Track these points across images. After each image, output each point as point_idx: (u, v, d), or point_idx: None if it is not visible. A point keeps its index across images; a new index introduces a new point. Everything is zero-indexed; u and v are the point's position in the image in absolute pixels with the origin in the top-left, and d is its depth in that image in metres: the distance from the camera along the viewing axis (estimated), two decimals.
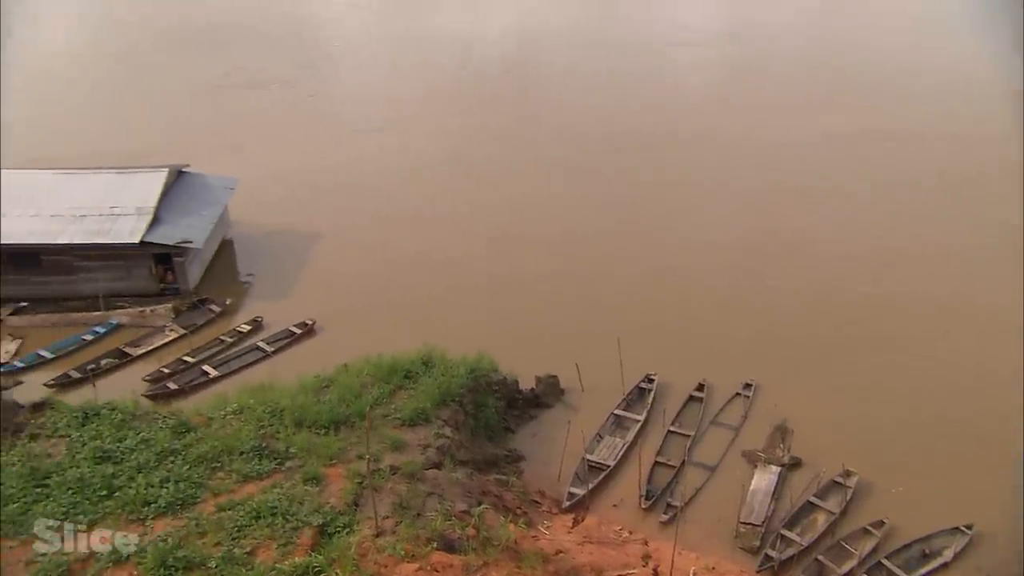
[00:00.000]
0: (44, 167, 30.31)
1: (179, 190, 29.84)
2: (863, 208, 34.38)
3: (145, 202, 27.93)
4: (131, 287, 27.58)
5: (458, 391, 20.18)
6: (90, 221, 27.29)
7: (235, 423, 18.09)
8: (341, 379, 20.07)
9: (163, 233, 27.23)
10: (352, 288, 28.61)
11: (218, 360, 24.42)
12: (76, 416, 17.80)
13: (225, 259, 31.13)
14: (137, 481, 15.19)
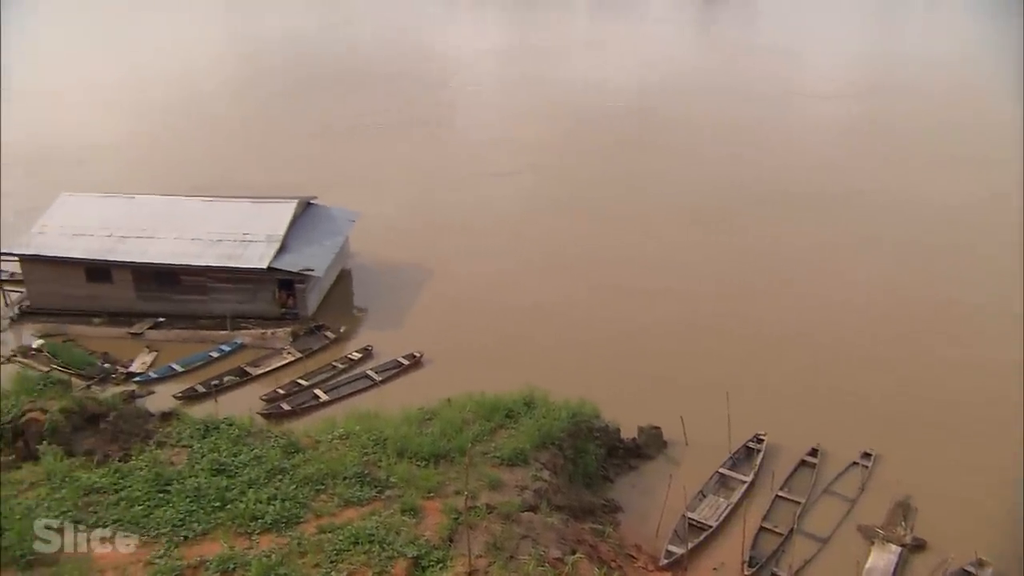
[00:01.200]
0: (192, 194, 32.75)
1: (306, 221, 31.50)
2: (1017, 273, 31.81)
3: (274, 230, 29.63)
4: (255, 310, 29.20)
5: (558, 435, 19.99)
6: (225, 246, 29.19)
7: (341, 448, 18.60)
8: (444, 413, 20.31)
9: (288, 260, 28.75)
10: (461, 324, 29.15)
11: (329, 385, 25.34)
12: (198, 428, 18.83)
13: (342, 288, 32.48)
14: (247, 496, 15.83)
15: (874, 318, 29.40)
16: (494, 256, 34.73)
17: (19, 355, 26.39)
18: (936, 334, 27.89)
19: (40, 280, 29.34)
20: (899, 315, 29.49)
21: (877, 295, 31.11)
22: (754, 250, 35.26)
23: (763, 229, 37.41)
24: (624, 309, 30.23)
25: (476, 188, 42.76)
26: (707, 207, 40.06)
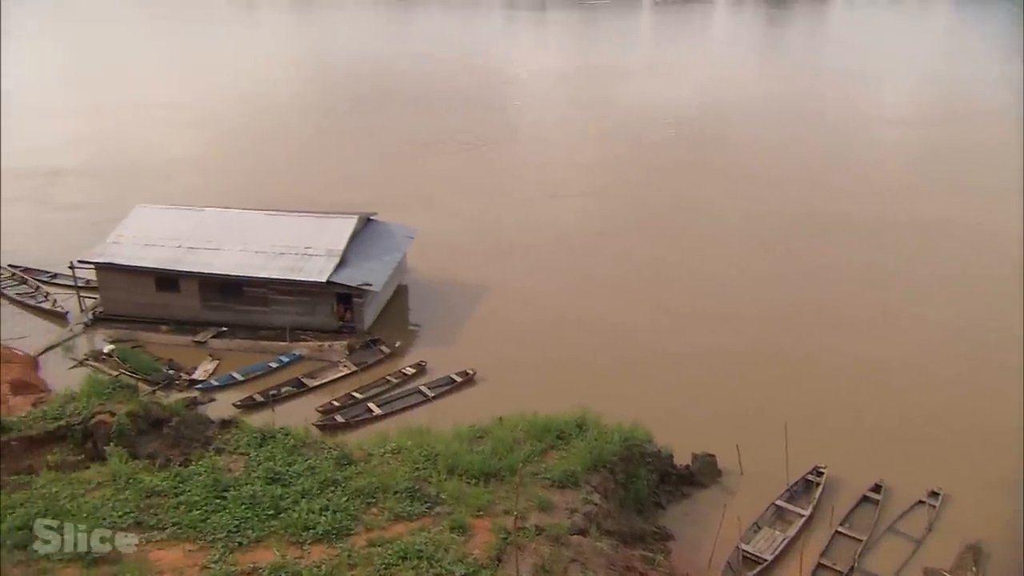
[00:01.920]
0: (258, 208, 33.68)
1: (365, 236, 32.08)
2: None
3: (335, 245, 30.25)
4: (314, 322, 29.79)
5: (610, 458, 19.74)
6: (287, 259, 29.92)
7: (392, 462, 18.74)
8: (495, 432, 20.28)
9: (347, 275, 29.29)
10: (516, 343, 29.16)
11: (382, 399, 25.62)
12: (255, 437, 19.23)
13: (399, 304, 32.89)
14: (300, 506, 16.06)
15: (945, 353, 28.28)
16: (551, 276, 34.76)
17: (91, 359, 27.49)
18: (1010, 373, 26.60)
19: (113, 288, 30.56)
20: (972, 352, 28.29)
21: (947, 329, 29.94)
22: (819, 277, 34.48)
23: (829, 256, 36.58)
24: (682, 333, 29.84)
25: (535, 208, 42.94)
26: (772, 232, 39.38)
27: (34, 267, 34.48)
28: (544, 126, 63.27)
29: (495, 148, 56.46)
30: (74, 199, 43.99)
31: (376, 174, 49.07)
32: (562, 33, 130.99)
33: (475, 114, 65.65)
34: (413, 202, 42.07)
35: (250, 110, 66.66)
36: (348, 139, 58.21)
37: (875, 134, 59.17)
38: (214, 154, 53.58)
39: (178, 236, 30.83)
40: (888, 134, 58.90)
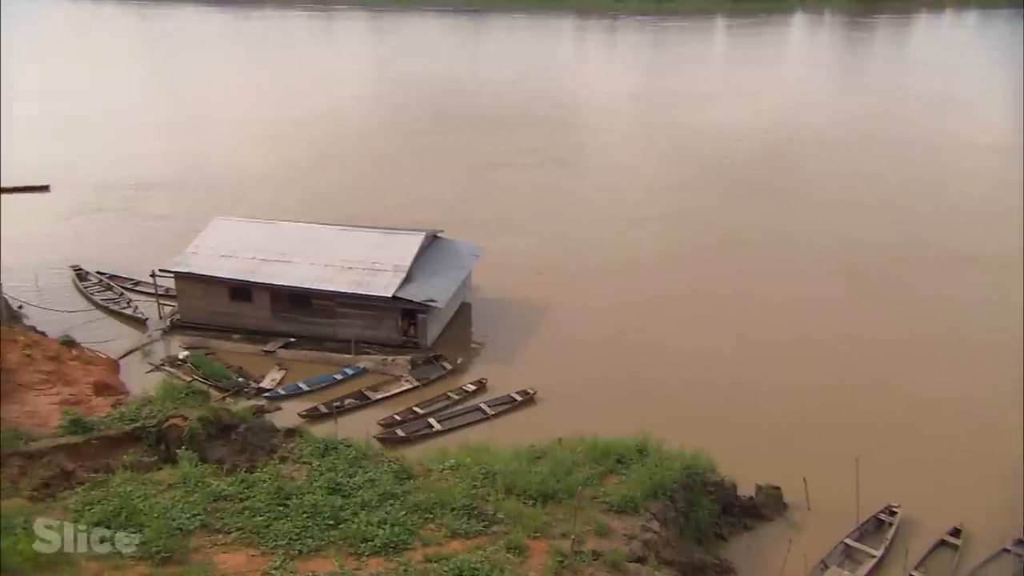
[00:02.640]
0: (329, 223, 34.44)
1: (432, 253, 32.51)
2: None
3: (401, 261, 30.75)
4: (378, 336, 30.27)
5: (671, 485, 19.31)
6: (354, 273, 30.55)
7: (450, 478, 18.78)
8: (554, 453, 20.13)
9: (412, 291, 29.71)
10: (579, 365, 28.99)
11: (443, 415, 25.78)
12: (318, 447, 19.58)
13: (462, 321, 33.14)
14: (360, 517, 16.23)
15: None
16: (619, 299, 34.48)
17: (167, 364, 28.58)
18: None
19: (190, 296, 31.77)
20: None
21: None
22: (898, 309, 33.29)
23: (910, 288, 35.33)
24: (750, 361, 29.14)
25: (606, 231, 42.77)
26: (850, 261, 38.29)
27: (120, 274, 36.20)
28: (616, 148, 63.16)
29: (566, 169, 56.64)
30: (160, 211, 46.09)
31: (446, 192, 49.80)
32: (633, 54, 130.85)
33: (546, 135, 66.08)
34: (482, 221, 42.49)
35: (327, 128, 68.80)
36: (420, 158, 59.35)
37: (962, 161, 56.94)
38: (291, 170, 55.42)
39: (253, 248, 31.87)
40: (976, 162, 56.56)
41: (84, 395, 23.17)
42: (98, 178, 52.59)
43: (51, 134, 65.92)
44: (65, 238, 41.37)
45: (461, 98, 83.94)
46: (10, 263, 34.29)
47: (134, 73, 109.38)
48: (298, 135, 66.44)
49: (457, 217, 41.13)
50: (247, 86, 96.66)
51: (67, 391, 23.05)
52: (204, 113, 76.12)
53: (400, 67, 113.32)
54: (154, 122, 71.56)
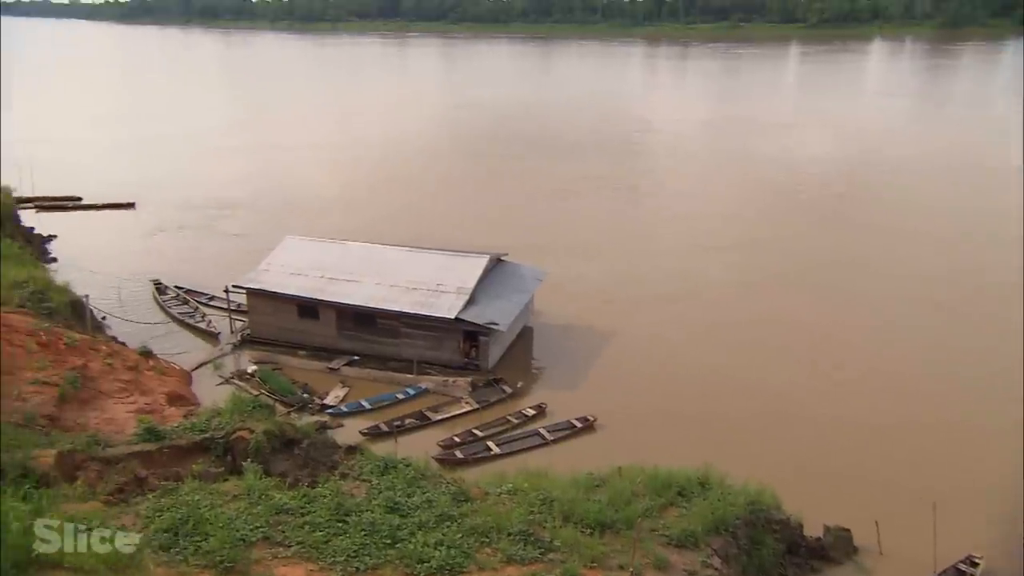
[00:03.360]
0: (396, 244, 35.00)
1: (495, 276, 32.70)
2: None
3: (465, 283, 31.02)
4: (440, 357, 30.52)
5: (733, 521, 18.71)
6: (419, 294, 30.97)
7: (508, 503, 18.64)
8: (613, 482, 19.79)
9: (474, 313, 29.89)
10: (640, 393, 28.59)
11: (501, 438, 25.72)
12: (378, 465, 19.72)
13: (524, 344, 33.12)
14: (417, 538, 16.24)
15: None
16: (685, 327, 33.96)
17: (236, 377, 29.44)
18: None
19: (260, 312, 32.74)
20: None
21: None
22: (985, 346, 31.62)
23: (998, 324, 33.49)
24: (822, 396, 28.18)
25: (674, 259, 42.34)
26: (931, 295, 36.87)
27: (196, 289, 37.65)
28: (686, 176, 62.61)
29: (635, 196, 56.44)
30: (237, 229, 47.87)
31: (512, 217, 50.22)
32: (705, 81, 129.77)
33: (615, 161, 66.11)
34: (547, 246, 42.62)
35: (397, 152, 70.47)
36: (487, 182, 60.15)
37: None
38: (361, 192, 56.95)
39: (321, 267, 32.69)
40: None
41: (158, 404, 24.00)
42: (180, 197, 55.09)
43: (138, 154, 69.56)
44: (147, 253, 43.38)
45: (530, 124, 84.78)
46: (97, 276, 36.09)
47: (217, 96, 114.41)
48: (369, 158, 68.25)
49: (522, 241, 41.33)
50: (321, 110, 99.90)
51: (143, 400, 23.94)
52: (281, 136, 79.05)
53: (470, 92, 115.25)
54: (234, 144, 74.70)
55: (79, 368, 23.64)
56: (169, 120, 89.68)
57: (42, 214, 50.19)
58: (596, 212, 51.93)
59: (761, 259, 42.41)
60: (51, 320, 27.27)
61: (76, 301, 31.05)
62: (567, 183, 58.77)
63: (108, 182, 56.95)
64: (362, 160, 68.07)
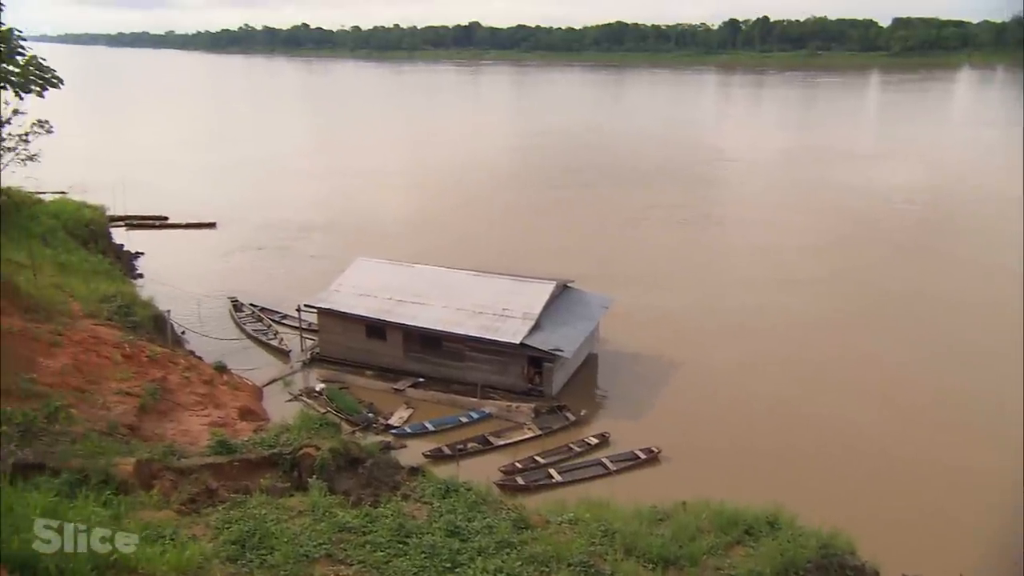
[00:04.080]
0: (464, 268, 35.27)
1: (561, 302, 32.61)
2: None
3: (530, 308, 31.03)
4: (504, 382, 30.52)
5: (804, 564, 17.88)
6: (484, 318, 31.12)
7: (568, 532, 18.38)
8: (678, 516, 19.28)
9: (539, 339, 29.83)
10: (707, 426, 27.92)
11: (563, 466, 25.46)
12: (439, 488, 19.77)
13: (588, 372, 32.83)
14: (476, 563, 16.13)
15: None
16: (755, 360, 33.07)
17: (305, 395, 30.13)
18: None
19: (330, 332, 33.50)
20: None
21: None
22: None
23: None
24: (901, 434, 26.93)
25: (749, 290, 41.36)
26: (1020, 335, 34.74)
27: (270, 307, 38.85)
28: (762, 206, 61.40)
29: (708, 225, 55.66)
30: (312, 250, 49.32)
31: (581, 244, 50.19)
32: (782, 110, 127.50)
33: (688, 190, 65.51)
34: (616, 273, 42.36)
35: (469, 177, 71.73)
36: (557, 208, 60.36)
37: None
38: (432, 216, 57.96)
39: (390, 288, 33.27)
40: None
41: (230, 418, 24.75)
42: (259, 218, 57.22)
43: (221, 177, 72.71)
44: (226, 271, 45.09)
45: (601, 152, 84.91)
46: (178, 292, 37.70)
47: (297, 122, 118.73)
48: (441, 183, 69.52)
49: (591, 269, 41.22)
50: (396, 136, 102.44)
51: (216, 413, 24.72)
52: (356, 161, 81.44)
53: (542, 119, 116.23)
54: (312, 168, 77.31)
55: (159, 380, 24.63)
56: (251, 144, 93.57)
57: (131, 232, 52.87)
58: (668, 241, 51.40)
59: (838, 292, 41.06)
60: (135, 333, 28.55)
61: (158, 316, 32.44)
62: (639, 211, 58.44)
63: (192, 202, 59.68)
64: (434, 185, 69.39)
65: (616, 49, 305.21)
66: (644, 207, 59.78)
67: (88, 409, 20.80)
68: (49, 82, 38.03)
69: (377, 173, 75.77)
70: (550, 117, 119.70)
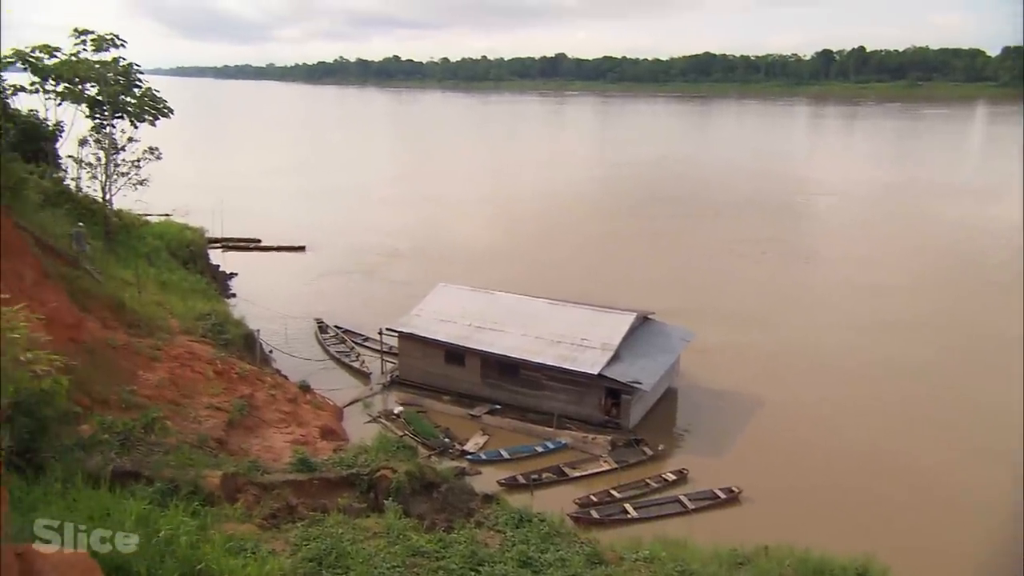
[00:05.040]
0: (544, 297, 35.18)
1: (641, 334, 32.15)
2: None
3: (609, 339, 30.69)
4: (580, 413, 30.22)
5: None
6: (562, 347, 30.98)
7: (643, 571, 17.90)
8: (759, 562, 18.52)
9: (618, 370, 29.44)
10: (792, 467, 26.79)
11: (639, 502, 24.89)
12: (513, 517, 19.66)
13: (667, 406, 32.14)
14: None
15: None
16: (844, 401, 31.64)
17: (383, 417, 30.63)
18: None
19: (409, 355, 34.05)
20: None
21: None
22: None
23: None
24: (1001, 485, 25.06)
25: (840, 330, 39.47)
26: None
27: (353, 330, 39.86)
28: (859, 241, 59.13)
29: (800, 261, 53.99)
30: (397, 275, 50.43)
31: (664, 276, 49.55)
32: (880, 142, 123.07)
33: (778, 224, 63.87)
34: (702, 308, 41.41)
35: (553, 207, 72.19)
36: (641, 240, 59.92)
37: None
38: (514, 244, 58.48)
39: (470, 315, 33.59)
40: None
41: (312, 437, 25.40)
42: (347, 243, 59.09)
43: (312, 202, 75.54)
44: (313, 293, 46.60)
45: (688, 183, 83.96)
46: (267, 312, 39.19)
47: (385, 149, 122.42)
48: (524, 213, 70.15)
49: (675, 302, 40.47)
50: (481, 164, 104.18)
51: (299, 431, 25.43)
52: (443, 188, 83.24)
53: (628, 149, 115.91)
54: (399, 195, 79.45)
55: (247, 397, 25.57)
56: (342, 172, 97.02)
57: (227, 253, 55.47)
58: (757, 276, 50.02)
59: (938, 334, 38.91)
60: (226, 350, 29.80)
61: (248, 334, 33.78)
62: (727, 244, 57.23)
63: (284, 226, 62.15)
64: (517, 214, 70.08)
65: (703, 80, 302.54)
66: (733, 240, 58.49)
67: (181, 422, 21.76)
68: (161, 112, 40.77)
69: (462, 201, 77.21)
70: (636, 147, 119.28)
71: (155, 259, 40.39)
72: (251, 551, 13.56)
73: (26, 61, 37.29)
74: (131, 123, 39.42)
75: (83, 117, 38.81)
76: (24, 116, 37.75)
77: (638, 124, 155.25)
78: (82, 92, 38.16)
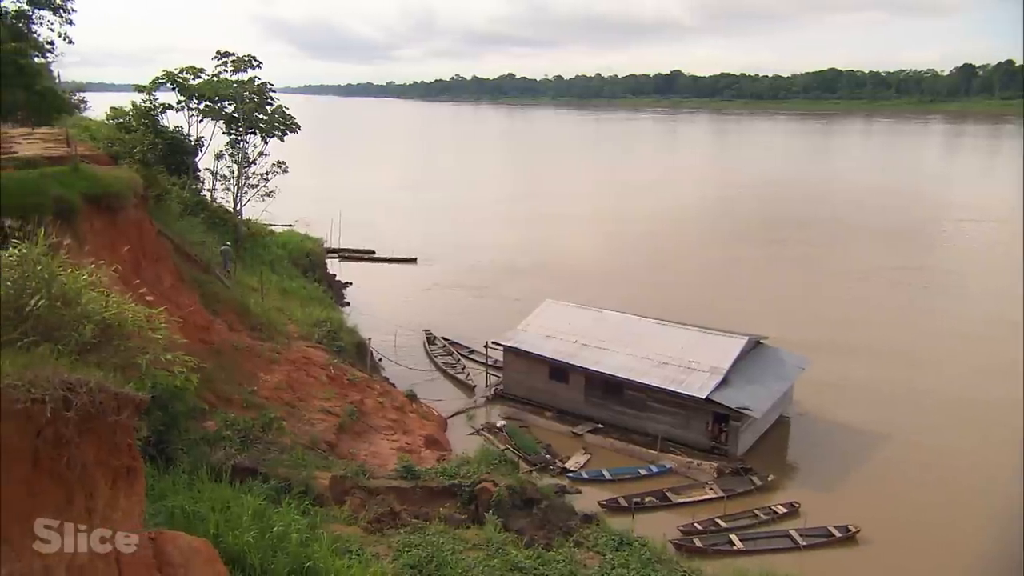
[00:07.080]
0: (652, 317, 34.41)
1: (752, 359, 30.95)
2: None
3: (719, 363, 29.71)
4: (685, 437, 29.37)
5: None
6: (669, 369, 30.25)
7: None
8: None
9: (727, 395, 28.44)
10: (914, 508, 24.94)
11: (747, 533, 23.86)
12: (613, 539, 19.36)
13: (778, 435, 30.74)
14: None
15: None
16: (973, 445, 29.04)
17: (486, 430, 30.89)
18: None
19: (514, 370, 34.22)
20: None
21: None
22: None
23: None
24: None
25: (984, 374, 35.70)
26: None
27: (460, 342, 40.56)
28: (1017, 273, 54.22)
29: (943, 293, 50.31)
30: (505, 291, 50.84)
31: (785, 303, 47.48)
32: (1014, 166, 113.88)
33: (917, 252, 60.04)
34: (824, 337, 39.17)
35: (667, 226, 71.09)
36: (759, 263, 57.87)
37: None
38: (626, 263, 57.85)
39: (575, 332, 33.41)
40: None
41: (416, 445, 25.95)
42: (457, 257, 60.34)
43: (426, 217, 77.68)
44: (423, 305, 47.74)
45: (816, 204, 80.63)
46: (379, 321, 40.51)
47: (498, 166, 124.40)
48: (635, 232, 69.40)
49: (796, 329, 38.63)
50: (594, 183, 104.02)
51: (404, 439, 26.05)
52: (555, 206, 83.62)
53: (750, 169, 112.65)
54: (511, 213, 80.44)
55: (357, 403, 26.46)
56: (455, 187, 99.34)
57: (343, 263, 57.83)
58: (892, 305, 47.07)
59: None
60: (339, 357, 30.99)
61: (360, 343, 35.01)
62: (858, 271, 54.31)
63: (398, 239, 64.18)
64: (628, 233, 69.34)
65: (827, 97, 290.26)
66: (865, 268, 55.41)
67: (295, 423, 22.77)
68: (289, 128, 43.27)
69: (574, 219, 77.24)
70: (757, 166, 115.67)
71: (278, 267, 42.68)
72: (356, 553, 13.97)
73: (174, 82, 40.56)
74: (262, 138, 42.03)
75: (220, 133, 41.71)
76: (170, 132, 40.96)
77: (759, 143, 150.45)
78: (221, 109, 41.08)
